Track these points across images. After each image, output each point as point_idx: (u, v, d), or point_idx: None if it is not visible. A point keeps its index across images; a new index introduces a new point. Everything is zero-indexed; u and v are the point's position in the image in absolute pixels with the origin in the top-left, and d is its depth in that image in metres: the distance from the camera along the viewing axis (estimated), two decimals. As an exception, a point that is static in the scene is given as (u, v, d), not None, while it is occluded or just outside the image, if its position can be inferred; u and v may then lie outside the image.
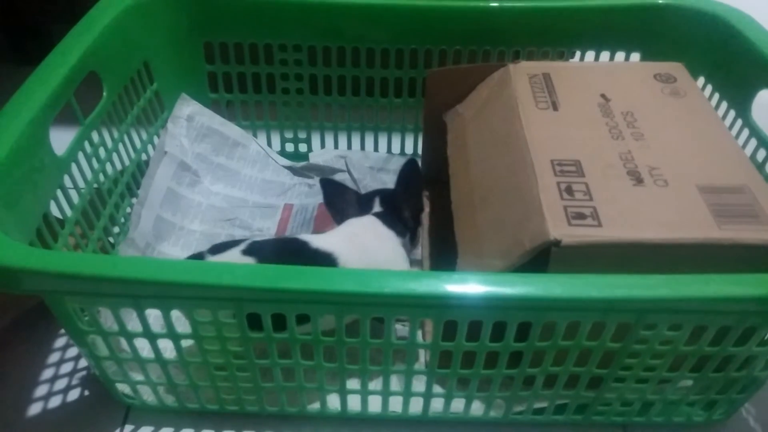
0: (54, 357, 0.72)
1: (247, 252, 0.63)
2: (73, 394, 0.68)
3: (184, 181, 0.86)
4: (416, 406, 0.64)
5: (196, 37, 0.87)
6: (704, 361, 0.56)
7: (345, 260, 0.64)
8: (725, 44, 0.77)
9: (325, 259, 0.64)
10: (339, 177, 0.93)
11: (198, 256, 0.64)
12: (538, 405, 0.63)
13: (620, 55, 0.87)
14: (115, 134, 0.76)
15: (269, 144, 0.97)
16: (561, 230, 0.54)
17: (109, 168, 0.75)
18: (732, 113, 0.76)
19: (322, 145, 0.97)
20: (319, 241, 0.66)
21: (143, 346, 0.57)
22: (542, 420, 0.65)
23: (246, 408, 0.65)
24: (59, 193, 0.64)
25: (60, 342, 0.73)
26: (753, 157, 0.71)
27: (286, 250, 0.66)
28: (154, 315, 0.54)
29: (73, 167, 0.67)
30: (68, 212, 0.65)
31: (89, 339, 0.57)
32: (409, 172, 0.76)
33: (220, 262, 0.60)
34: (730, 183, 0.59)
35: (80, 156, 0.68)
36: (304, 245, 0.65)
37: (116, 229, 0.77)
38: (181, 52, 0.87)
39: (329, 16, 0.85)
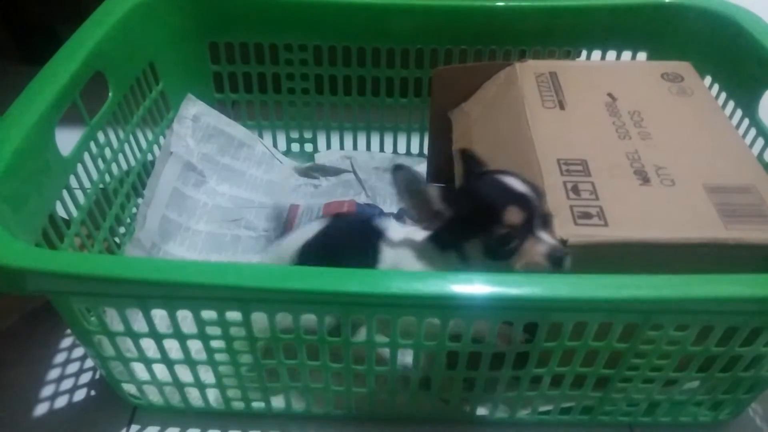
0: (60, 357, 0.72)
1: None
2: (80, 394, 0.69)
3: (189, 182, 0.86)
4: (422, 406, 0.64)
5: (202, 37, 0.87)
6: (711, 362, 0.56)
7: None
8: (732, 43, 0.77)
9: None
10: (344, 177, 0.93)
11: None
12: (544, 406, 0.63)
13: (627, 54, 0.87)
14: (121, 134, 0.76)
15: (275, 144, 0.97)
16: (567, 230, 0.54)
17: (114, 168, 0.75)
18: (739, 112, 0.76)
19: (328, 146, 0.97)
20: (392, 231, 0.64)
21: (149, 346, 0.58)
22: (549, 420, 0.64)
23: (252, 408, 0.65)
24: (65, 193, 0.64)
25: (66, 342, 0.73)
26: (760, 156, 0.71)
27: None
28: (160, 315, 0.54)
29: (79, 167, 0.67)
30: (74, 213, 0.66)
31: (95, 339, 0.57)
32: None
33: (225, 263, 0.60)
34: (737, 183, 0.58)
35: (86, 156, 0.69)
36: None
37: (122, 230, 0.77)
38: (187, 53, 0.87)
39: (335, 16, 0.84)
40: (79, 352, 0.72)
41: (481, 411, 0.64)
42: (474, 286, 0.48)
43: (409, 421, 0.66)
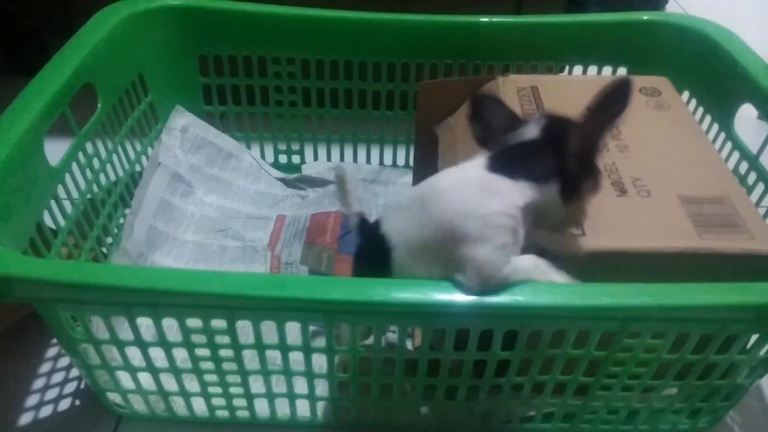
0: (45, 366, 0.72)
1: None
2: (65, 404, 0.69)
3: (177, 192, 0.87)
4: (405, 413, 0.64)
5: (191, 49, 0.88)
6: (688, 369, 0.57)
7: None
8: (709, 59, 0.79)
9: None
10: (331, 189, 0.94)
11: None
12: (525, 413, 0.64)
13: (607, 69, 0.89)
14: (110, 145, 0.77)
15: (262, 156, 0.98)
16: (546, 240, 0.55)
17: (102, 179, 0.75)
18: (715, 126, 0.77)
19: (315, 157, 0.98)
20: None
21: (135, 355, 0.58)
22: (530, 428, 0.65)
23: (237, 416, 0.65)
24: (53, 203, 0.65)
25: (51, 351, 0.73)
26: (735, 169, 0.73)
27: None
28: (145, 324, 0.54)
29: (67, 177, 0.68)
30: (61, 222, 0.66)
31: (81, 348, 0.57)
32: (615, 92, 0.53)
33: (210, 271, 0.61)
34: (710, 194, 0.60)
35: (74, 166, 0.69)
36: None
37: (109, 240, 0.77)
38: (176, 65, 0.88)
39: (322, 30, 0.86)
40: (64, 361, 0.72)
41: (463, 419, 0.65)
42: (455, 294, 0.49)
43: (392, 429, 0.66)
